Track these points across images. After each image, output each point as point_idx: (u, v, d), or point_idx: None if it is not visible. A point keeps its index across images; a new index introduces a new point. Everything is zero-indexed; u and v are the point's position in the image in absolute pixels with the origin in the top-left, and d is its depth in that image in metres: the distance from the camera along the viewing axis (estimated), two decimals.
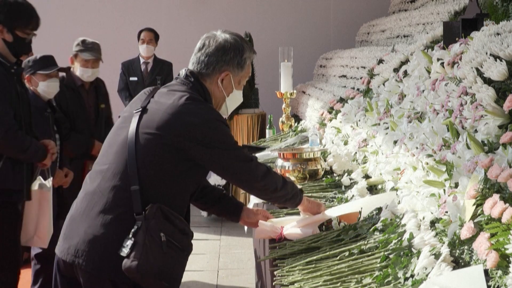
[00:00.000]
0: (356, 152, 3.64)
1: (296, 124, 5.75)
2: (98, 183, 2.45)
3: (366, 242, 2.30)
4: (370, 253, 2.23)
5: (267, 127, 5.79)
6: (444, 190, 2.27)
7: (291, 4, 8.35)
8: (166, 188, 2.43)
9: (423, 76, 3.32)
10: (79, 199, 2.51)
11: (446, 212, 2.16)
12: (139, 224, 2.34)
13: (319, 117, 5.10)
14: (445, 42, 3.42)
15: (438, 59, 3.05)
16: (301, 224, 2.71)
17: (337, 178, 3.51)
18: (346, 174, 3.49)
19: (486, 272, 1.77)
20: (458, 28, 3.30)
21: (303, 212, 2.80)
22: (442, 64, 3.00)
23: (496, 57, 2.49)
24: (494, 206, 1.88)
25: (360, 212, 2.64)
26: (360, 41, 7.36)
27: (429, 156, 2.51)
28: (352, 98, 4.61)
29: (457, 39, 3.14)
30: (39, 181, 3.84)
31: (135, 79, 7.02)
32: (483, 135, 2.28)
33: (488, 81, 2.44)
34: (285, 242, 2.57)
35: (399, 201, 2.59)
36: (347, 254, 2.28)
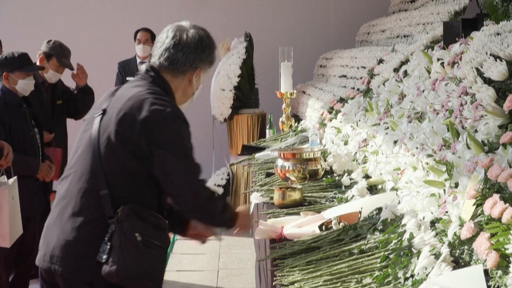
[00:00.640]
0: (356, 152, 3.64)
1: (296, 124, 5.75)
2: (67, 187, 2.45)
3: (366, 242, 2.30)
4: (370, 253, 2.23)
5: (267, 127, 5.79)
6: (444, 190, 2.27)
7: (291, 4, 8.35)
8: (134, 187, 2.41)
9: (423, 76, 3.32)
10: (53, 205, 2.51)
11: (446, 212, 2.16)
12: (113, 228, 2.34)
13: (319, 117, 5.10)
14: (445, 42, 3.42)
15: (438, 59, 3.05)
16: (301, 224, 2.71)
17: (337, 178, 3.51)
18: (346, 174, 3.49)
19: (486, 272, 1.77)
20: (458, 28, 3.30)
21: (303, 213, 2.80)
22: (442, 64, 3.00)
23: (496, 57, 2.49)
24: (494, 206, 1.88)
25: (360, 212, 2.64)
26: (360, 41, 7.36)
27: (429, 156, 2.51)
28: (352, 98, 4.61)
29: (457, 39, 3.14)
30: None
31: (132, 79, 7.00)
32: (483, 135, 2.28)
33: (488, 81, 2.44)
34: (285, 242, 2.57)
35: (399, 201, 2.59)
36: (347, 254, 2.28)
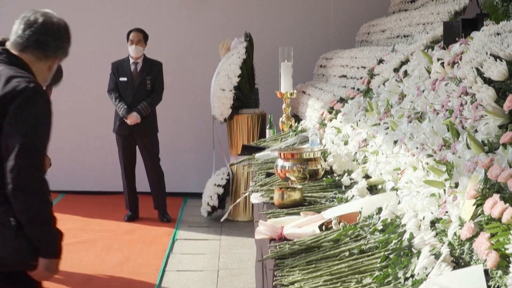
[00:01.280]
0: (356, 152, 3.64)
1: (296, 124, 5.75)
2: None
3: (366, 242, 2.30)
4: (370, 253, 2.23)
5: (267, 127, 5.79)
6: (444, 190, 2.27)
7: (291, 4, 8.35)
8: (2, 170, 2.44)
9: (423, 76, 3.32)
10: None
11: (446, 212, 2.16)
12: None
13: (319, 117, 5.10)
14: (445, 42, 3.42)
15: (438, 59, 3.05)
16: (301, 224, 2.71)
17: (337, 178, 3.51)
18: (346, 174, 3.49)
19: (486, 272, 1.77)
20: (458, 28, 3.30)
21: (303, 213, 2.80)
22: (442, 64, 3.00)
23: (496, 57, 2.49)
24: (494, 206, 1.88)
25: (360, 212, 2.64)
26: (360, 41, 7.35)
27: (429, 156, 2.51)
28: (352, 98, 4.61)
29: (457, 39, 3.14)
30: None
31: (125, 79, 6.98)
32: (483, 135, 2.28)
33: (488, 81, 2.44)
34: (285, 242, 2.57)
35: (399, 201, 2.59)
36: (347, 254, 2.28)
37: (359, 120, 3.88)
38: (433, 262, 1.94)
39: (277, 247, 2.54)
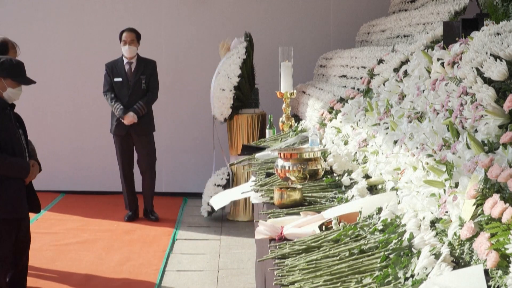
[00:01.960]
0: (356, 152, 3.63)
1: (296, 124, 5.74)
2: None
3: (366, 242, 2.30)
4: (370, 253, 2.23)
5: (267, 127, 5.79)
6: (444, 190, 2.27)
7: (291, 4, 8.35)
8: None
9: (423, 76, 3.32)
10: None
11: (446, 212, 2.16)
12: None
13: (319, 117, 5.10)
14: (445, 42, 3.42)
15: (438, 59, 3.05)
16: (301, 224, 2.71)
17: (337, 178, 3.51)
18: (346, 174, 3.49)
19: (486, 272, 1.77)
20: (458, 28, 3.30)
21: (303, 213, 2.80)
22: (442, 64, 3.00)
23: (496, 57, 2.49)
24: (494, 206, 1.88)
25: (360, 212, 2.64)
26: (360, 41, 7.35)
27: (429, 156, 2.51)
28: (352, 98, 4.60)
29: (457, 39, 3.14)
30: None
31: (120, 79, 6.97)
32: (483, 135, 2.28)
33: (488, 81, 2.44)
34: (285, 242, 2.57)
35: (399, 201, 2.59)
36: (347, 254, 2.28)
37: (359, 120, 3.88)
38: (433, 262, 1.94)
39: (277, 247, 2.54)
